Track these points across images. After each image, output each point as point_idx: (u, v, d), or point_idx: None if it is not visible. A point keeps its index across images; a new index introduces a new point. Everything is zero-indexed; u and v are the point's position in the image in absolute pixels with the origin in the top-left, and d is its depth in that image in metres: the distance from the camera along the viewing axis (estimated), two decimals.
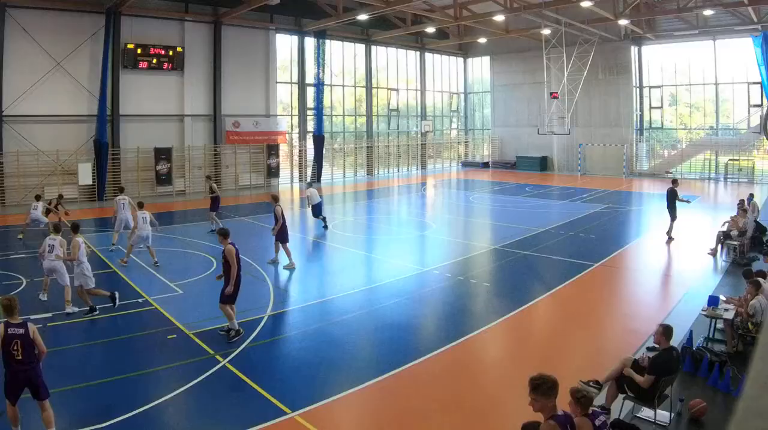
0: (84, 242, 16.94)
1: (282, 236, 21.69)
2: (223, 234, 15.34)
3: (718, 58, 52.08)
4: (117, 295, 16.98)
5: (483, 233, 30.05)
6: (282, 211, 21.70)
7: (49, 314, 15.80)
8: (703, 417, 10.43)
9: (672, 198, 26.21)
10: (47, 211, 27.50)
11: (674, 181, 27.39)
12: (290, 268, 21.52)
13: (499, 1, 45.25)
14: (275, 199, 22.62)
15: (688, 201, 27.69)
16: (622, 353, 11.85)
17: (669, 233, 26.48)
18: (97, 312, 16.15)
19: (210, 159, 46.44)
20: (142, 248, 22.39)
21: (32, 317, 14.08)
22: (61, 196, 30.59)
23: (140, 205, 22.74)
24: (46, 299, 17.02)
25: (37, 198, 27.72)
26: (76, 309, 16.26)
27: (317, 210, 29.26)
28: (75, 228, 17.07)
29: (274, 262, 22.03)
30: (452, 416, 10.77)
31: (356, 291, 18.63)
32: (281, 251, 22.02)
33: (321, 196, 30.43)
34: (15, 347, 9.46)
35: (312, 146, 52.93)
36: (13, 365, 9.54)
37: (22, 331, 9.59)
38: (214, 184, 29.67)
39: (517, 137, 63.65)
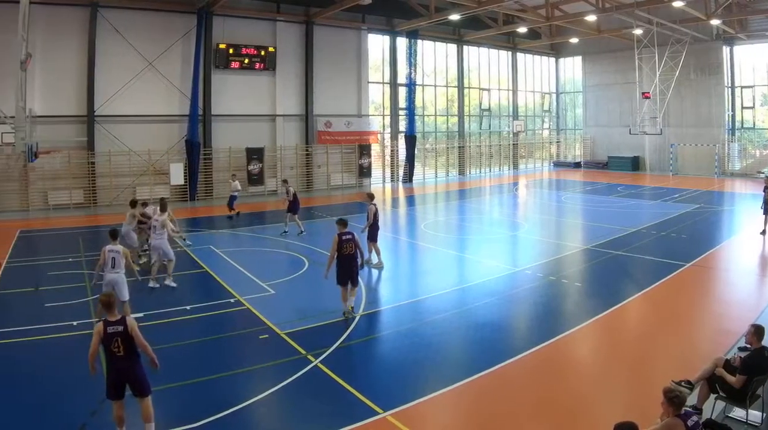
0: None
1: (372, 235, 20.99)
2: (341, 223, 16.07)
3: None
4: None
5: (574, 233, 28.68)
6: (375, 211, 21.13)
7: (141, 314, 14.99)
8: None
9: None
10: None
11: None
12: (378, 267, 20.65)
13: (591, 1, 43.01)
14: (371, 197, 21.93)
15: None
16: (713, 353, 11.23)
17: (764, 232, 25.57)
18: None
19: (302, 159, 44.57)
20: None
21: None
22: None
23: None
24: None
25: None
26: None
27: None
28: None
29: (368, 262, 20.65)
30: (543, 417, 10.35)
31: (448, 291, 17.81)
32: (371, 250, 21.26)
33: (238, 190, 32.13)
34: (116, 345, 9.10)
35: (404, 146, 50.55)
36: (115, 362, 9.16)
37: (121, 328, 9.15)
38: (291, 188, 27.88)
39: (609, 137, 60.60)
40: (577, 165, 62.40)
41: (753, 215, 28.77)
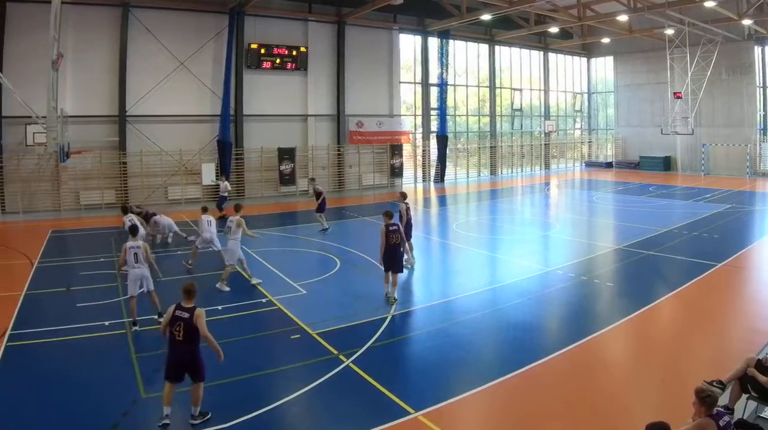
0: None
1: (405, 233, 19.76)
2: (387, 215, 16.90)
3: None
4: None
5: (606, 233, 28.40)
6: (407, 209, 20.65)
7: None
8: None
9: None
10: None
11: None
12: (408, 264, 19.97)
13: (623, 1, 41.74)
14: (403, 196, 21.58)
15: None
16: (745, 353, 10.96)
17: None
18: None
19: (333, 159, 43.91)
20: (209, 249, 20.94)
21: (155, 317, 14.56)
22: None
23: (204, 210, 21.55)
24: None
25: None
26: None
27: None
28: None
29: (407, 261, 20.09)
30: (575, 416, 10.20)
31: (480, 291, 17.61)
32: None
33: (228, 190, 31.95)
34: (177, 329, 9.61)
35: (436, 146, 49.67)
36: (173, 346, 9.70)
37: (187, 315, 9.66)
38: (319, 187, 27.46)
39: (641, 137, 59.49)
40: (609, 165, 61.47)
41: None
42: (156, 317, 14.65)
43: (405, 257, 17.65)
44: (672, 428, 7.01)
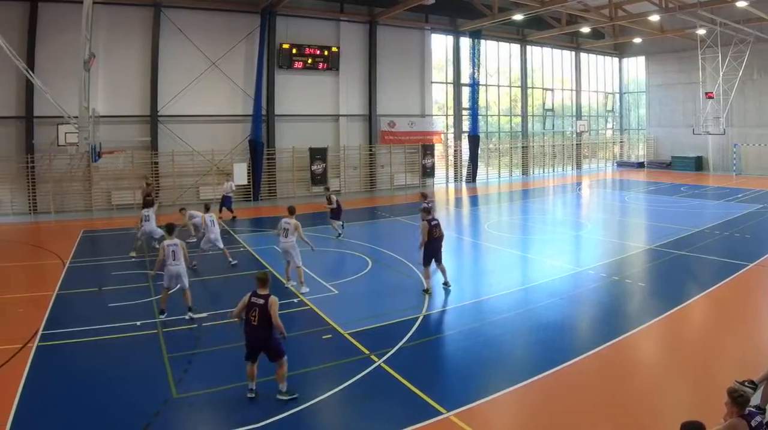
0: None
1: None
2: (425, 211, 17.34)
3: None
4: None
5: (638, 233, 27.96)
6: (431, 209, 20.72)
7: (204, 314, 15.12)
8: None
9: None
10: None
11: None
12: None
13: (654, 1, 41.30)
14: (424, 196, 22.16)
15: None
16: None
17: None
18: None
19: (365, 159, 43.33)
20: (216, 251, 21.07)
21: (186, 317, 14.75)
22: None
23: (206, 208, 21.32)
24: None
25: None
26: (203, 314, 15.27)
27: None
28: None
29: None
30: (607, 416, 10.19)
31: (511, 291, 17.52)
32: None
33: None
34: (253, 314, 10.27)
35: (467, 146, 49.04)
36: (249, 329, 10.41)
37: (262, 301, 10.33)
38: (333, 196, 26.44)
39: (672, 137, 58.53)
40: (641, 165, 60.60)
41: None
42: (187, 312, 14.89)
43: None
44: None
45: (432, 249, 16.88)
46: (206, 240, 20.38)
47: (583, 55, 60.00)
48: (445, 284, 17.28)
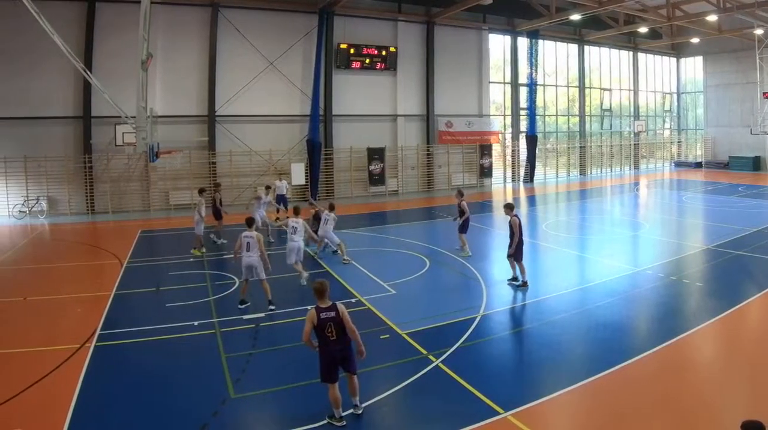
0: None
1: (463, 227, 21.69)
2: (509, 207, 17.54)
3: None
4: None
5: (695, 233, 27.28)
6: (466, 206, 21.66)
7: (262, 314, 14.98)
8: None
9: None
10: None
11: None
12: (464, 255, 21.31)
13: (712, 1, 40.05)
14: (460, 194, 22.16)
15: None
16: None
17: None
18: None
19: (423, 159, 42.14)
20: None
21: (244, 317, 14.70)
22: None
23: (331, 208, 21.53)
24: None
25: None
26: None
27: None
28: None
29: (463, 252, 21.56)
30: (665, 416, 9.71)
31: (569, 291, 17.13)
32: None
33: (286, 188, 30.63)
34: (329, 330, 9.39)
35: (525, 146, 47.91)
36: (328, 346, 9.43)
37: (333, 313, 9.41)
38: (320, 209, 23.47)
39: (730, 137, 56.90)
40: (698, 165, 59.02)
41: None
42: (268, 305, 15.23)
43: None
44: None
45: (520, 246, 17.18)
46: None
47: (641, 55, 58.29)
48: (515, 279, 17.47)
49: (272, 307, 15.16)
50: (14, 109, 30.14)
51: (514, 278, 17.85)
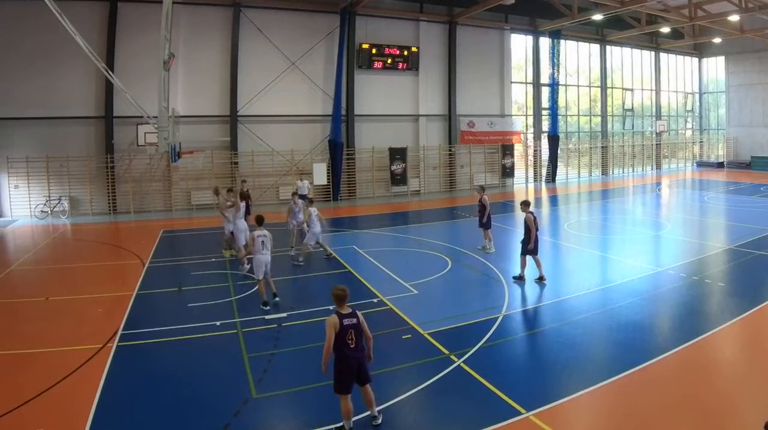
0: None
1: (486, 223, 21.85)
2: (526, 204, 17.75)
3: None
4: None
5: (717, 233, 26.79)
6: (488, 200, 21.82)
7: (284, 314, 14.81)
8: None
9: None
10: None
11: None
12: (487, 250, 21.54)
13: (734, 1, 39.38)
14: (482, 189, 22.56)
15: None
16: None
17: None
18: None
19: (444, 159, 41.48)
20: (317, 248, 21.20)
21: (266, 317, 14.53)
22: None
23: (311, 202, 21.51)
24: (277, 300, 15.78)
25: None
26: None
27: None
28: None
29: (485, 248, 21.81)
30: (688, 416, 9.60)
31: (591, 291, 16.89)
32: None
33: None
34: (350, 337, 9.01)
35: (547, 146, 47.23)
36: (347, 354, 8.99)
37: (354, 320, 9.07)
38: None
39: (752, 137, 56.19)
40: (720, 165, 58.16)
41: None
42: (273, 298, 15.49)
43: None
44: None
45: (537, 241, 17.35)
46: (312, 235, 20.35)
47: (663, 55, 57.38)
48: (521, 278, 17.57)
49: (266, 307, 15.06)
50: (37, 109, 29.83)
51: (520, 277, 17.77)
